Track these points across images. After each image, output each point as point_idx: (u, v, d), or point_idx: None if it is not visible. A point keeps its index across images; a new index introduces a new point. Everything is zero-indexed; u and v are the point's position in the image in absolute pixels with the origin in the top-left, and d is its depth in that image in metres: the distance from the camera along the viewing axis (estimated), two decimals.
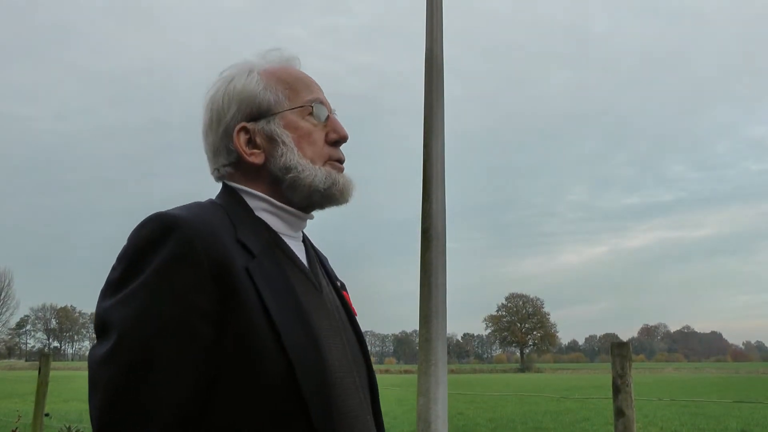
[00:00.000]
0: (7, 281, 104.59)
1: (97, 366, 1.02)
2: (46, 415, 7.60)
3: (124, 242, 1.13)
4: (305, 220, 1.35)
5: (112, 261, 1.12)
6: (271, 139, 1.27)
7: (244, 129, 1.28)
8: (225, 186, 1.30)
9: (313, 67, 1.38)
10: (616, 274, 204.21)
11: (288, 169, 1.26)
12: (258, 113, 1.28)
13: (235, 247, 1.12)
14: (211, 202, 1.25)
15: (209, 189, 1.33)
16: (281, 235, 1.27)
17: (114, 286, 1.08)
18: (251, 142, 1.28)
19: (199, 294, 1.04)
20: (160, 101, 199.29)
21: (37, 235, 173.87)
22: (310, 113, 1.30)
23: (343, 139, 1.34)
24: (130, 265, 1.08)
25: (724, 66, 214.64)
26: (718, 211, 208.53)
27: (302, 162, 1.26)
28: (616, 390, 4.02)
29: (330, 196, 1.29)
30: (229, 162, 1.29)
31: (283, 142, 1.27)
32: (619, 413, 3.99)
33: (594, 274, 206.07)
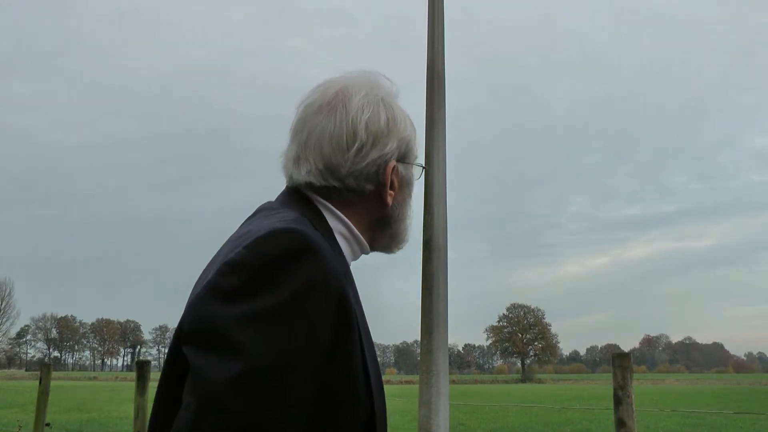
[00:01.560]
0: (7, 291, 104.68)
1: (227, 387, 0.93)
2: (47, 425, 7.59)
3: (122, 252, 1.07)
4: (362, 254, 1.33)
5: (112, 271, 1.05)
6: (403, 187, 1.28)
7: (396, 168, 1.25)
8: (300, 194, 1.23)
9: (314, 76, 1.41)
10: (618, 285, 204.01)
11: (402, 220, 1.28)
12: (403, 156, 1.27)
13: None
14: (300, 215, 1.15)
15: (211, 200, 1.32)
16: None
17: (235, 294, 0.99)
18: (391, 182, 1.25)
19: (325, 326, 1.00)
20: (162, 113, 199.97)
21: (38, 245, 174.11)
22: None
23: None
24: (258, 278, 0.99)
25: (725, 77, 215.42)
26: (719, 221, 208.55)
27: (409, 219, 1.30)
28: (618, 401, 4.02)
29: (393, 250, 1.34)
30: (347, 186, 1.22)
31: (410, 194, 1.29)
32: (621, 424, 3.99)
33: (595, 284, 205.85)
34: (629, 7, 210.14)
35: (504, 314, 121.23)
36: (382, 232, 1.29)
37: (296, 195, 1.23)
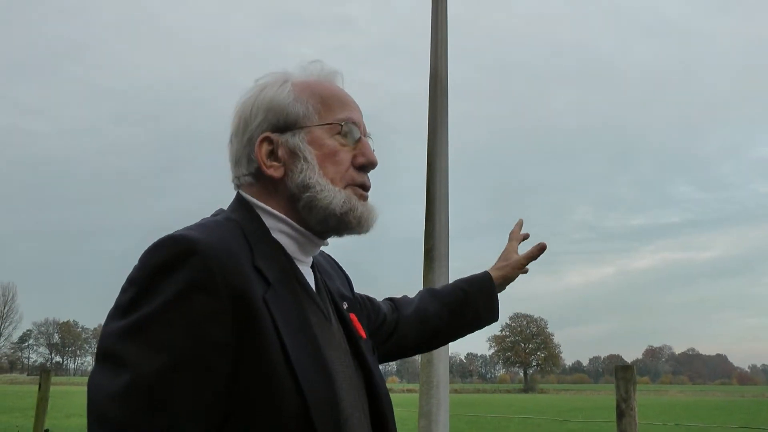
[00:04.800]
0: (10, 295, 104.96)
1: (110, 402, 0.94)
2: (46, 430, 7.58)
3: (125, 258, 1.10)
4: (319, 246, 1.29)
5: (115, 277, 1.08)
6: (293, 154, 1.21)
7: (268, 139, 1.21)
8: (241, 199, 1.23)
9: None
10: (621, 295, 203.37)
11: (306, 187, 1.19)
12: (284, 125, 1.22)
13: (252, 273, 1.06)
14: (226, 218, 1.17)
15: (215, 206, 1.29)
16: (295, 261, 1.21)
17: (123, 310, 1.00)
18: (272, 154, 1.22)
19: (215, 325, 0.99)
20: (167, 118, 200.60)
21: (41, 250, 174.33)
22: (339, 132, 1.24)
23: (371, 164, 1.27)
24: (141, 290, 1.00)
25: (730, 86, 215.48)
26: (724, 232, 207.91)
27: (321, 181, 1.20)
28: (620, 414, 3.98)
29: (346, 223, 1.22)
30: (249, 172, 1.23)
31: (305, 158, 1.20)
32: None
33: (599, 294, 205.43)
34: (633, 15, 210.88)
35: (506, 323, 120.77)
36: (302, 208, 1.21)
37: (236, 198, 1.26)
